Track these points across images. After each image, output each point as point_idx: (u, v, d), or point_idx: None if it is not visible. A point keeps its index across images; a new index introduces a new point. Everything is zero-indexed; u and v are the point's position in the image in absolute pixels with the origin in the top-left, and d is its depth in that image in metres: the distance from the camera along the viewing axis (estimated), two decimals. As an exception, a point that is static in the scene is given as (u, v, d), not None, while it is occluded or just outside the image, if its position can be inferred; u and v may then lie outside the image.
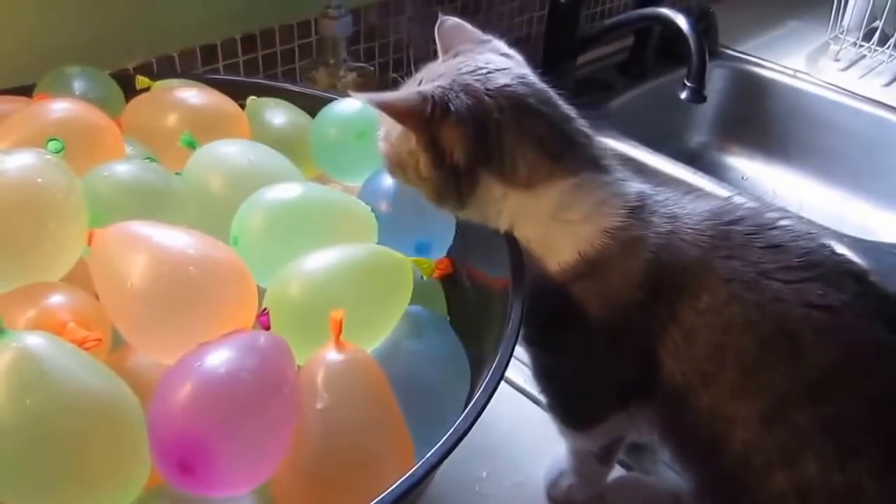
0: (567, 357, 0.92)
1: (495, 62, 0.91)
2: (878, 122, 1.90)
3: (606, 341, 0.87)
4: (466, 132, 0.85)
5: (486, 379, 0.72)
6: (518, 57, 0.96)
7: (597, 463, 1.00)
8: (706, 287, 0.82)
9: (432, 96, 0.85)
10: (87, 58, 1.14)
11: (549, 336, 0.92)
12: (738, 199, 0.89)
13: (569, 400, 0.96)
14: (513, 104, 0.87)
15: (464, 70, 0.89)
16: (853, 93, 1.94)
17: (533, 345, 0.95)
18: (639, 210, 0.87)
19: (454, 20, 0.99)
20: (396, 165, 0.91)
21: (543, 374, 0.97)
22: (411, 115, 0.86)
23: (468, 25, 0.99)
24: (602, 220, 0.86)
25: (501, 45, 0.97)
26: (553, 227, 0.87)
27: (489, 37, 0.98)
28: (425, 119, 0.85)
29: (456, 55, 0.95)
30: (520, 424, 1.10)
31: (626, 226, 0.85)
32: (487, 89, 0.87)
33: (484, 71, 0.89)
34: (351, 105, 1.07)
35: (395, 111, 0.86)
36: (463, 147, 0.86)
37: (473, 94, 0.86)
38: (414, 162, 0.89)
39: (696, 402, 0.83)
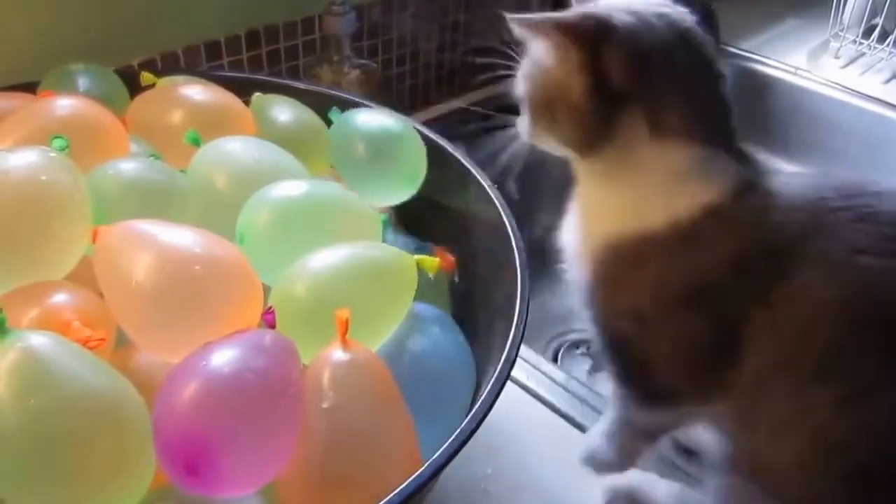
0: (644, 329, 0.88)
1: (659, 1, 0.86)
2: (878, 119, 1.90)
3: (686, 319, 0.84)
4: (630, 55, 0.80)
5: (493, 379, 0.73)
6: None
7: (640, 438, 0.97)
8: (797, 268, 0.78)
9: (596, 14, 0.81)
10: (92, 54, 1.14)
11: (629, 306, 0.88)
12: (833, 176, 0.85)
13: (636, 378, 0.92)
14: (684, 44, 0.83)
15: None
16: (853, 90, 1.94)
17: (605, 312, 0.90)
18: (741, 190, 0.82)
19: None
20: (541, 102, 0.86)
21: (611, 346, 0.92)
22: (574, 32, 0.80)
23: None
24: (704, 194, 0.82)
25: None
26: (658, 190, 0.83)
27: None
28: (589, 36, 0.80)
29: None
30: (523, 422, 1.11)
31: (726, 204, 0.81)
32: (660, 17, 0.82)
33: (655, 3, 0.84)
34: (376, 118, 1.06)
35: (557, 27, 0.80)
36: (623, 72, 0.80)
37: (643, 19, 0.82)
38: (565, 92, 0.83)
39: (773, 387, 0.80)
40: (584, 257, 0.88)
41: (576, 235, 0.90)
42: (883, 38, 2.01)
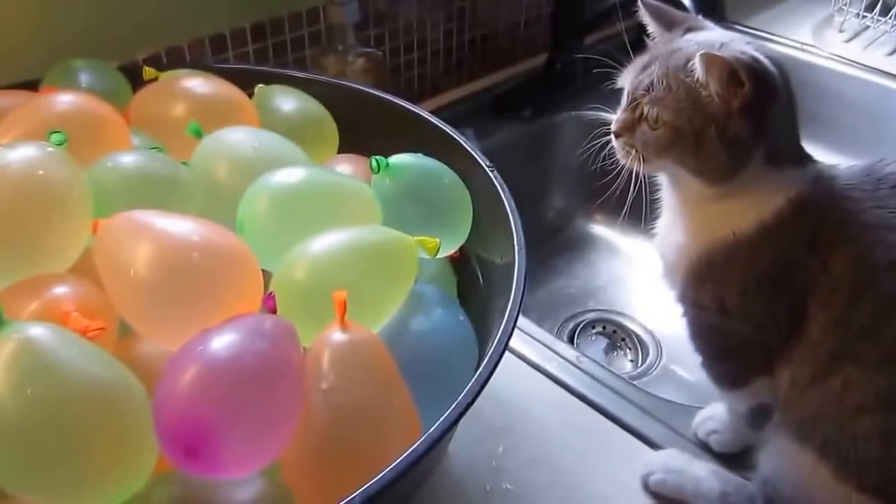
0: (726, 319, 0.95)
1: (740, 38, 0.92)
2: (882, 91, 1.89)
3: (764, 302, 0.91)
4: (777, 102, 0.88)
5: (489, 353, 0.73)
6: None
7: (744, 424, 1.05)
8: (855, 236, 0.85)
9: (762, 60, 0.86)
10: (97, 50, 1.15)
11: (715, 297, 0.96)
12: (888, 159, 0.91)
13: (720, 361, 1.01)
14: (787, 86, 0.90)
15: (738, 41, 0.90)
16: (858, 63, 1.93)
17: (694, 307, 0.98)
18: (814, 179, 0.90)
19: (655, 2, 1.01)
20: (692, 133, 0.88)
21: (699, 335, 1.01)
22: (754, 74, 0.84)
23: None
24: (789, 191, 0.89)
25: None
26: (753, 201, 0.90)
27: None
28: (759, 79, 0.85)
29: (689, 30, 0.96)
30: (535, 399, 1.11)
31: (804, 194, 0.88)
32: (776, 62, 0.88)
33: (753, 44, 0.90)
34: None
35: (743, 67, 0.83)
36: (773, 117, 0.87)
37: (775, 65, 0.88)
38: (722, 126, 0.87)
39: (824, 346, 0.86)
40: (681, 262, 0.96)
41: (673, 244, 0.98)
42: (886, 11, 2.01)
